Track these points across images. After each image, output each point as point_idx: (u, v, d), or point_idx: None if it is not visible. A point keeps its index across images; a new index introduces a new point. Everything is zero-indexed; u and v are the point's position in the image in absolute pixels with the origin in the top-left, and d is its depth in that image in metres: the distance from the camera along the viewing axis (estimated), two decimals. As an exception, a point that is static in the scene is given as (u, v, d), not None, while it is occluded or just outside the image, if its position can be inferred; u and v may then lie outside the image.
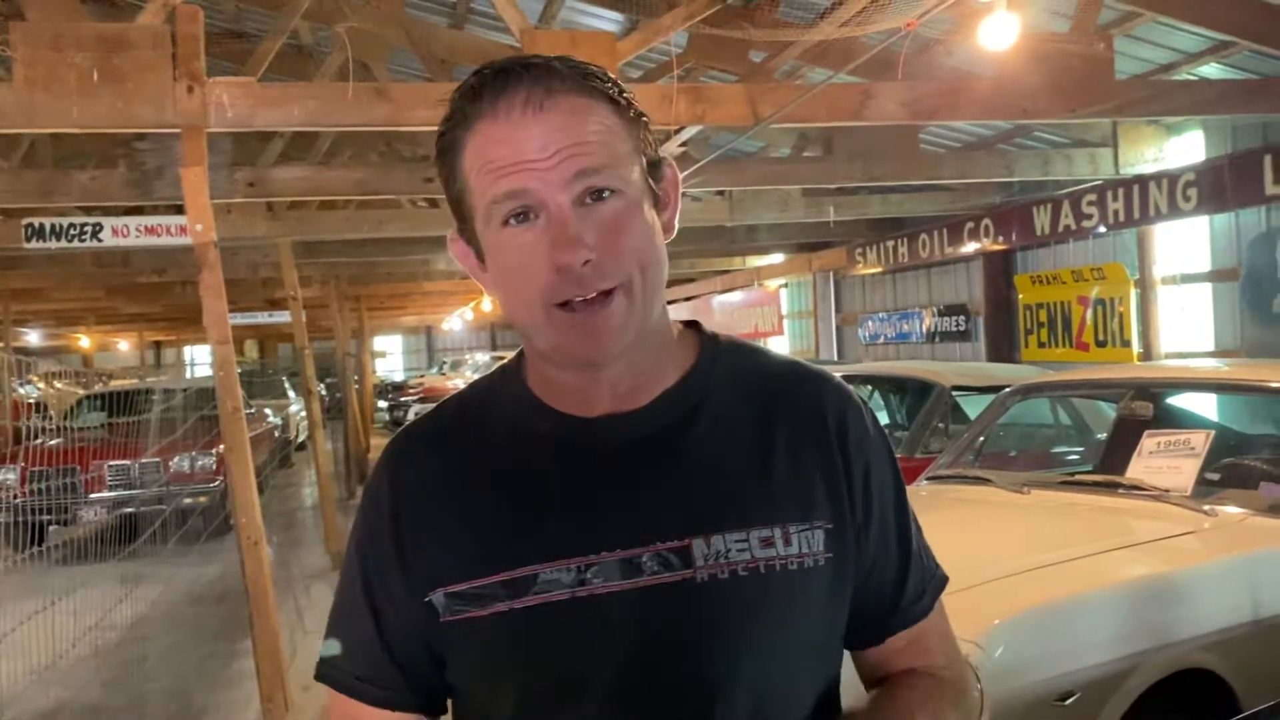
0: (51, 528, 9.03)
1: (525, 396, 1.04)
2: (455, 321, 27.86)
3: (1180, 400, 4.84)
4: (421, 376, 25.50)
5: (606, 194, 0.93)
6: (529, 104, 0.92)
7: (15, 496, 8.73)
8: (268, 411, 14.38)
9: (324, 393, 13.69)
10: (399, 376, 30.20)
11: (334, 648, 1.08)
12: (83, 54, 4.32)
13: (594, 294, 0.92)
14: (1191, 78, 6.55)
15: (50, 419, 12.61)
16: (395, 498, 1.04)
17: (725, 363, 1.05)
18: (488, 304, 21.17)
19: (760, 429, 1.02)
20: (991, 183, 9.27)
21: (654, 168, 0.99)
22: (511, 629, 0.97)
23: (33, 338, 20.73)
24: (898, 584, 1.08)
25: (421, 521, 1.02)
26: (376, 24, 6.62)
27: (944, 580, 1.14)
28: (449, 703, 1.08)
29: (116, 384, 13.79)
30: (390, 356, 34.27)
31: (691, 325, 1.09)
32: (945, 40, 6.39)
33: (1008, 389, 4.63)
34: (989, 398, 5.11)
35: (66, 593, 4.50)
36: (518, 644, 0.98)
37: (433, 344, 34.98)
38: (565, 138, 0.92)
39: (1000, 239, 9.40)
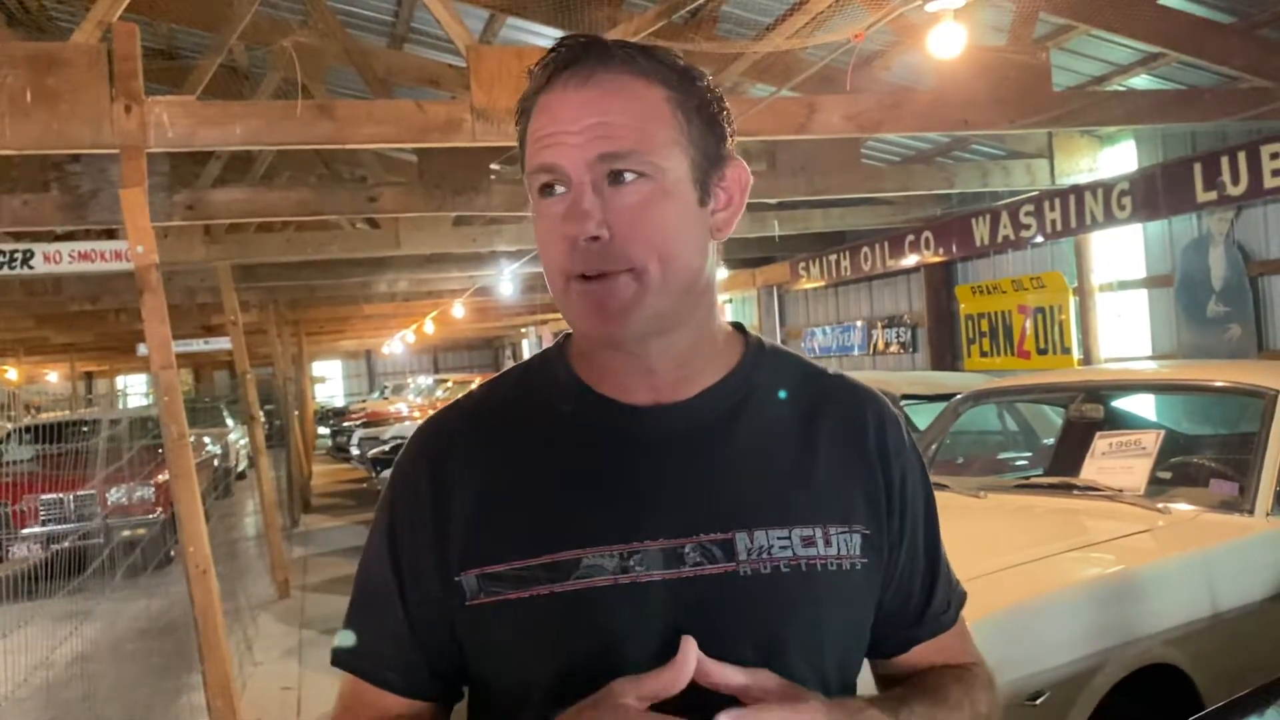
0: (-19, 566, 8.73)
1: (569, 380, 1.03)
2: (396, 345, 27.57)
3: (1125, 403, 4.94)
4: (364, 401, 25.17)
5: (631, 177, 0.93)
6: (573, 79, 0.93)
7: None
8: (207, 440, 14.08)
9: (264, 420, 13.46)
10: (340, 402, 29.79)
11: (351, 635, 1.05)
12: (14, 73, 4.19)
13: (598, 273, 0.93)
14: (1122, 89, 6.72)
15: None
16: (434, 478, 1.02)
17: (769, 363, 1.07)
18: (430, 326, 21.02)
19: (803, 429, 1.04)
20: (931, 195, 9.41)
21: (712, 163, 0.97)
22: (552, 612, 0.95)
23: (-43, 371, 20.08)
24: (926, 594, 1.11)
25: (462, 501, 1.00)
26: (316, 41, 6.53)
27: (965, 595, 1.18)
28: (465, 692, 1.07)
29: (46, 416, 13.40)
30: (330, 382, 33.81)
31: (737, 326, 1.10)
32: (884, 55, 6.49)
33: (960, 395, 4.68)
34: (938, 406, 5.17)
35: (4, 633, 4.33)
36: (558, 627, 0.96)
37: (373, 368, 34.57)
38: (597, 115, 0.92)
39: (940, 250, 9.55)
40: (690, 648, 0.87)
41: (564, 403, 1.02)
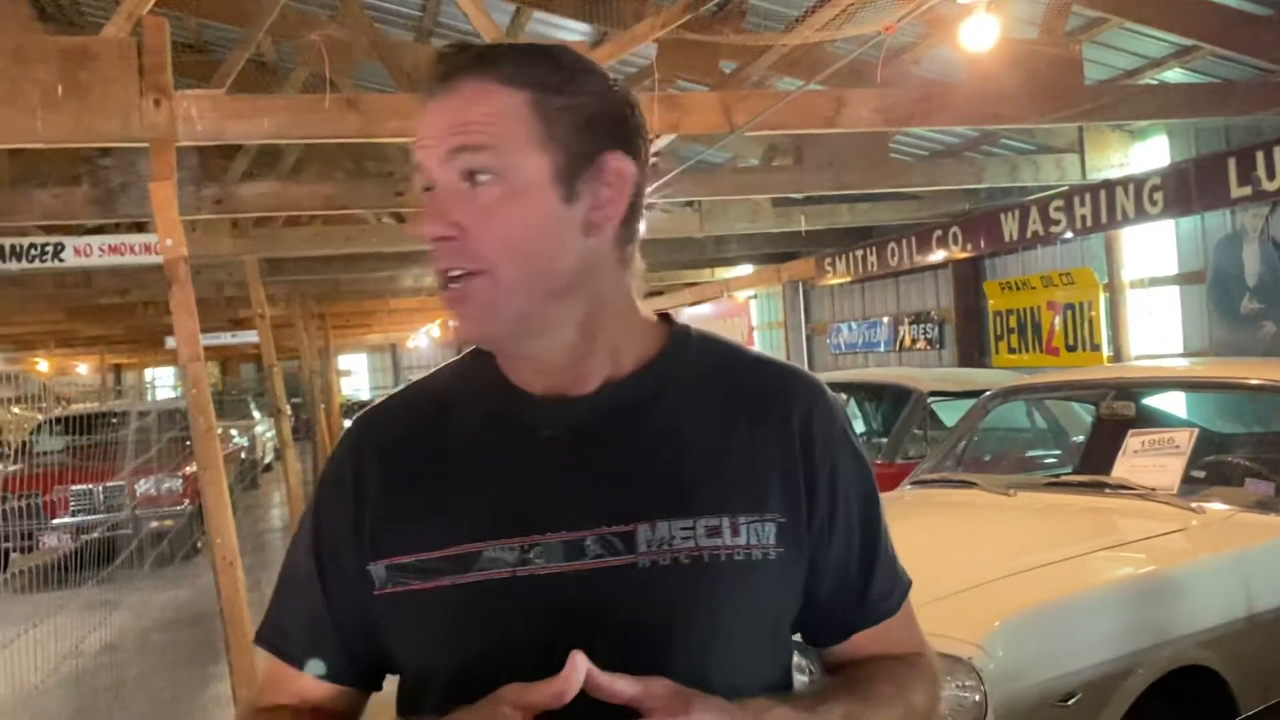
0: (13, 555, 8.83)
1: (491, 374, 1.05)
2: (421, 339, 27.67)
3: (1156, 400, 4.87)
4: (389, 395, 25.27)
5: (485, 178, 0.95)
6: (440, 88, 0.98)
7: (-25, 524, 8.54)
8: (233, 432, 14.19)
9: (290, 413, 13.56)
10: (365, 395, 29.95)
11: (274, 614, 1.08)
12: (46, 67, 4.22)
13: (456, 273, 0.96)
14: (1155, 82, 6.63)
15: (7, 444, 12.36)
16: (357, 468, 1.04)
17: (692, 355, 1.05)
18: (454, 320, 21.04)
19: (719, 420, 1.02)
20: (959, 190, 9.33)
21: (582, 161, 0.96)
22: (451, 603, 0.97)
23: (-11, 363, 20.31)
24: (862, 580, 1.08)
25: (379, 492, 1.02)
26: (344, 36, 6.56)
27: (909, 584, 1.14)
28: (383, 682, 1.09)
29: (77, 408, 13.53)
30: (355, 375, 33.99)
31: (664, 318, 1.09)
32: (914, 49, 6.43)
33: (989, 392, 4.64)
34: (966, 403, 5.13)
35: (35, 622, 4.37)
36: (456, 619, 0.97)
37: (398, 361, 34.74)
38: (452, 119, 0.96)
39: (969, 246, 9.46)
40: (578, 660, 0.84)
41: (480, 397, 1.04)
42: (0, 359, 19.30)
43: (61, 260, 7.64)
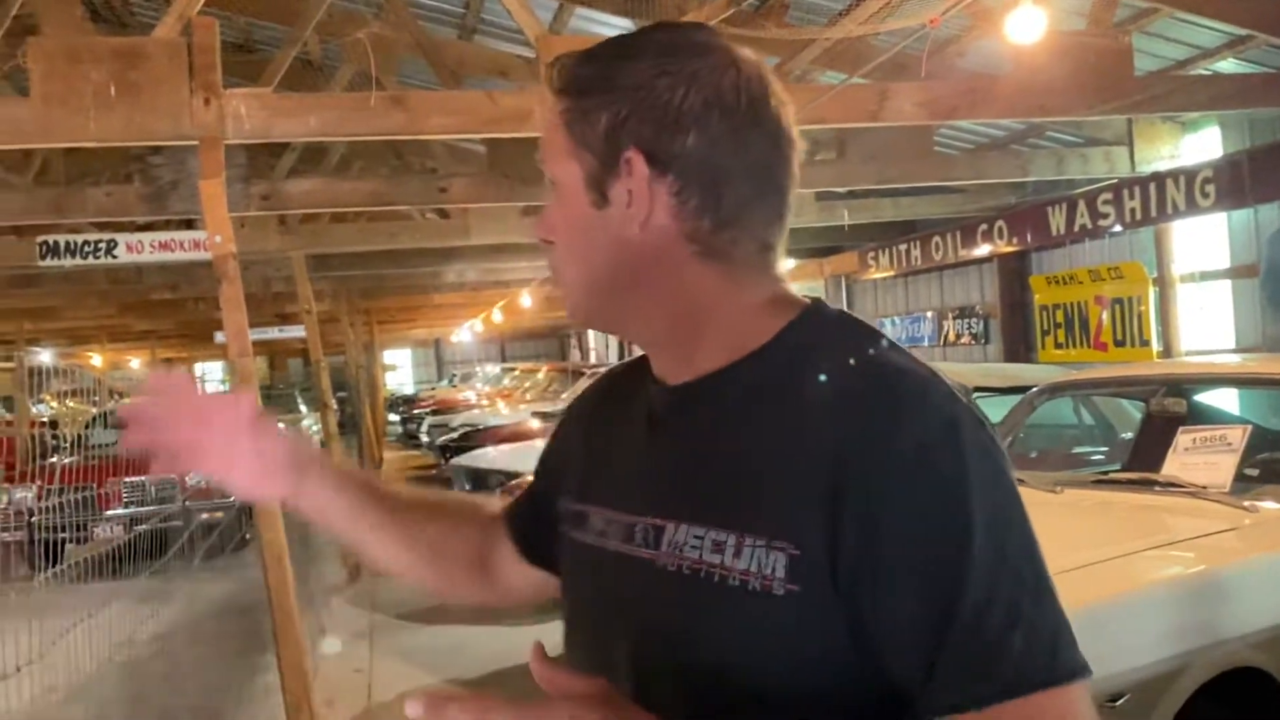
0: (68, 546, 9.03)
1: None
2: (465, 333, 27.87)
3: (1208, 397, 4.79)
4: (433, 389, 25.50)
5: (553, 186, 1.01)
6: None
7: (32, 515, 8.74)
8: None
9: (336, 407, 13.73)
10: (409, 389, 30.23)
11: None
12: (99, 68, 4.30)
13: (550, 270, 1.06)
14: (1207, 73, 6.51)
15: (63, 437, 12.63)
16: (569, 414, 1.23)
17: (785, 354, 0.95)
18: (498, 315, 21.21)
19: (767, 428, 0.92)
20: (1004, 183, 9.23)
21: (609, 165, 0.95)
22: (567, 554, 1.10)
23: (45, 357, 20.75)
24: (922, 656, 0.82)
25: (573, 441, 1.17)
26: (389, 33, 6.62)
27: (1037, 682, 0.82)
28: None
29: (129, 401, 13.78)
30: (399, 369, 34.30)
31: (806, 308, 0.98)
32: (958, 41, 6.36)
33: (1035, 388, 4.58)
34: (1011, 399, 5.07)
35: (90, 611, 4.47)
36: (565, 569, 1.12)
37: (442, 356, 35.01)
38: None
39: (1015, 240, 9.35)
40: (534, 650, 0.84)
41: (637, 375, 1.09)
42: (55, 353, 19.71)
43: (114, 256, 7.78)
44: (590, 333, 29.55)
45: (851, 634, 0.85)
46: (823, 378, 0.90)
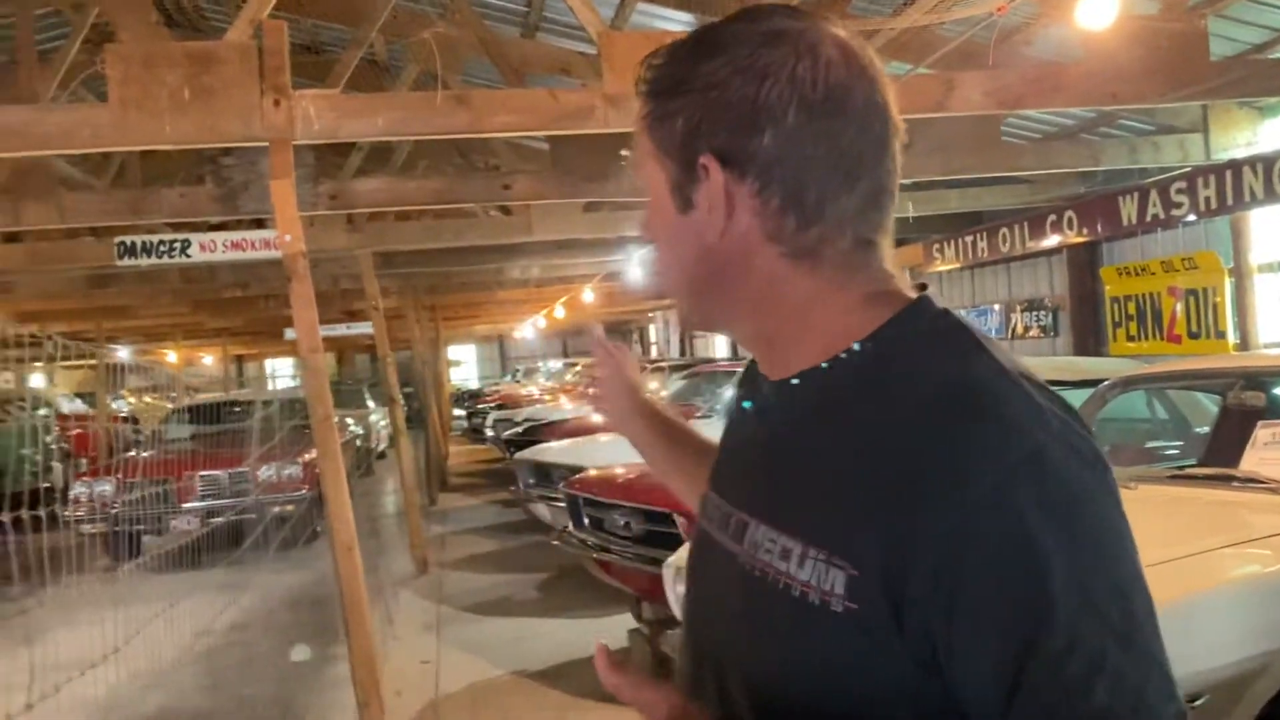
0: (146, 538, 9.29)
1: None
2: (528, 329, 28.07)
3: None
4: (497, 385, 25.74)
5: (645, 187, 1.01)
6: None
7: (113, 508, 9.01)
8: (349, 421, 14.62)
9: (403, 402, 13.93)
10: (474, 385, 30.54)
11: None
12: (173, 72, 4.41)
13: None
14: (1287, 56, 6.32)
15: (140, 432, 13.00)
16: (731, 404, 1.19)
17: (868, 364, 0.90)
18: (560, 310, 21.34)
19: (844, 444, 0.87)
20: (1073, 173, 9.04)
21: (687, 169, 0.93)
22: (694, 538, 1.10)
23: (122, 354, 21.34)
24: (995, 702, 0.78)
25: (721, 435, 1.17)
26: (453, 32, 6.68)
27: None
28: None
29: (203, 397, 14.13)
30: (464, 365, 34.67)
31: (904, 308, 0.93)
32: (1026, 29, 6.25)
33: (1107, 382, 4.49)
34: (1083, 393, 4.97)
35: (171, 602, 4.60)
36: (689, 553, 1.11)
37: (505, 352, 35.31)
38: None
39: (1085, 230, 9.14)
40: (600, 654, 0.86)
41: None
42: (132, 350, 20.24)
43: (188, 256, 7.96)
44: (651, 327, 29.57)
45: (913, 661, 0.81)
46: (900, 392, 0.86)
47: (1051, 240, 9.62)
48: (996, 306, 11.96)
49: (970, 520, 0.78)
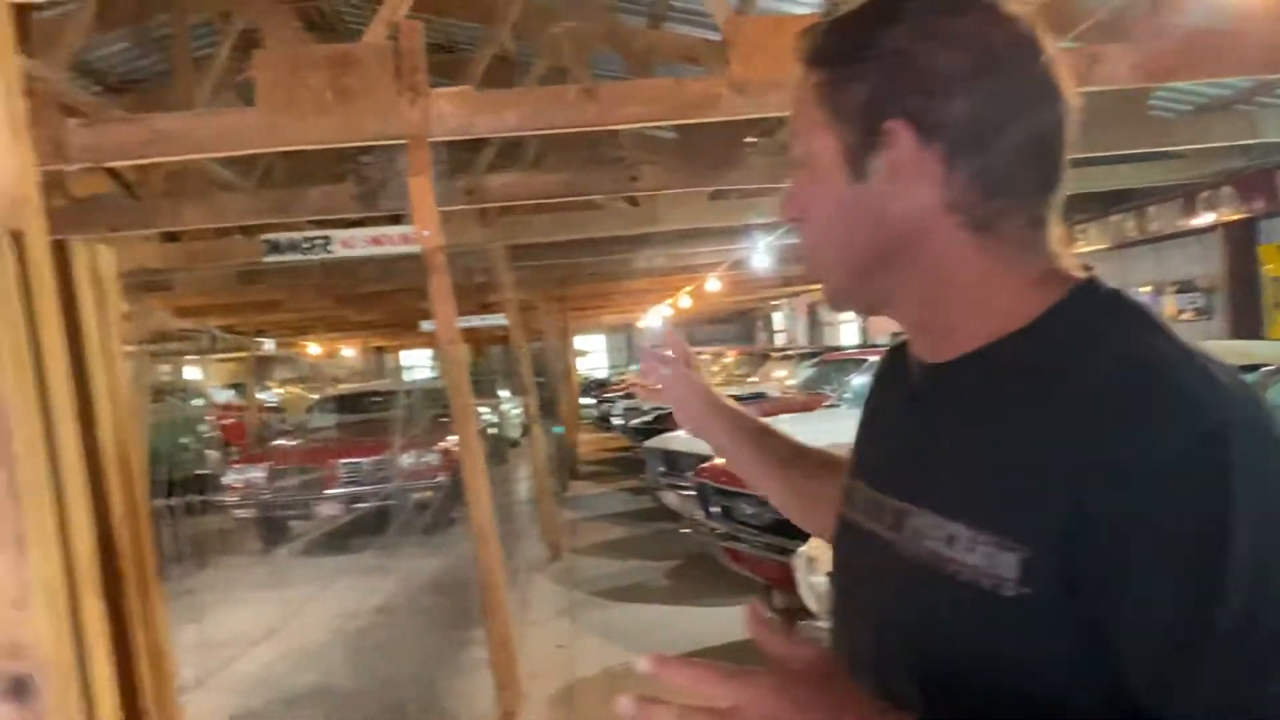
0: (292, 523, 9.73)
1: None
2: (654, 319, 28.19)
3: None
4: (624, 374, 25.95)
5: (804, 160, 0.98)
6: None
7: (263, 494, 9.45)
8: (484, 410, 14.97)
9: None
10: (602, 374, 30.88)
11: None
12: (316, 74, 4.57)
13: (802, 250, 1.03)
14: None
15: (286, 421, 13.60)
16: (870, 387, 1.17)
17: (1040, 344, 0.88)
18: (686, 300, 21.35)
19: (1018, 426, 0.85)
20: (1229, 146, 8.55)
21: (867, 137, 0.91)
22: (838, 529, 1.08)
23: (269, 346, 22.35)
24: (1164, 673, 0.77)
25: (863, 416, 1.14)
26: (581, 26, 6.74)
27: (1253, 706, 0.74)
28: None
29: (344, 387, 14.68)
30: (593, 355, 35.09)
31: (1075, 287, 0.91)
32: (1176, -4, 5.92)
33: (1270, 367, 4.25)
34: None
35: (321, 585, 4.80)
36: (834, 544, 1.10)
37: (633, 341, 35.57)
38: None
39: (1242, 207, 8.67)
40: (751, 611, 0.84)
41: (906, 351, 1.07)
42: (278, 343, 21.17)
43: (330, 252, 8.26)
44: (777, 315, 29.33)
45: (1087, 642, 0.80)
46: (1076, 370, 0.83)
47: (1205, 218, 9.16)
48: (1146, 289, 11.44)
49: (1152, 495, 0.76)
